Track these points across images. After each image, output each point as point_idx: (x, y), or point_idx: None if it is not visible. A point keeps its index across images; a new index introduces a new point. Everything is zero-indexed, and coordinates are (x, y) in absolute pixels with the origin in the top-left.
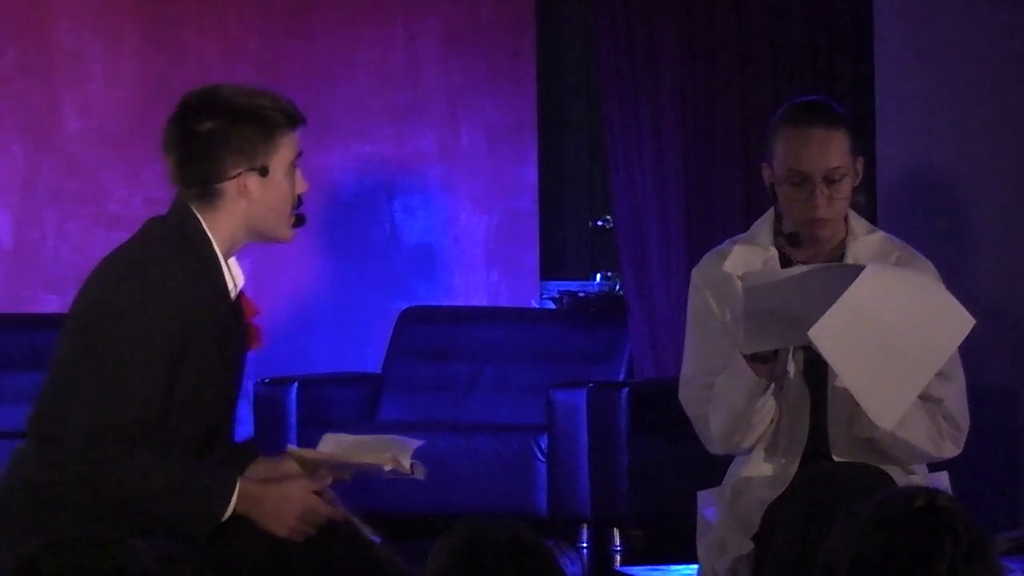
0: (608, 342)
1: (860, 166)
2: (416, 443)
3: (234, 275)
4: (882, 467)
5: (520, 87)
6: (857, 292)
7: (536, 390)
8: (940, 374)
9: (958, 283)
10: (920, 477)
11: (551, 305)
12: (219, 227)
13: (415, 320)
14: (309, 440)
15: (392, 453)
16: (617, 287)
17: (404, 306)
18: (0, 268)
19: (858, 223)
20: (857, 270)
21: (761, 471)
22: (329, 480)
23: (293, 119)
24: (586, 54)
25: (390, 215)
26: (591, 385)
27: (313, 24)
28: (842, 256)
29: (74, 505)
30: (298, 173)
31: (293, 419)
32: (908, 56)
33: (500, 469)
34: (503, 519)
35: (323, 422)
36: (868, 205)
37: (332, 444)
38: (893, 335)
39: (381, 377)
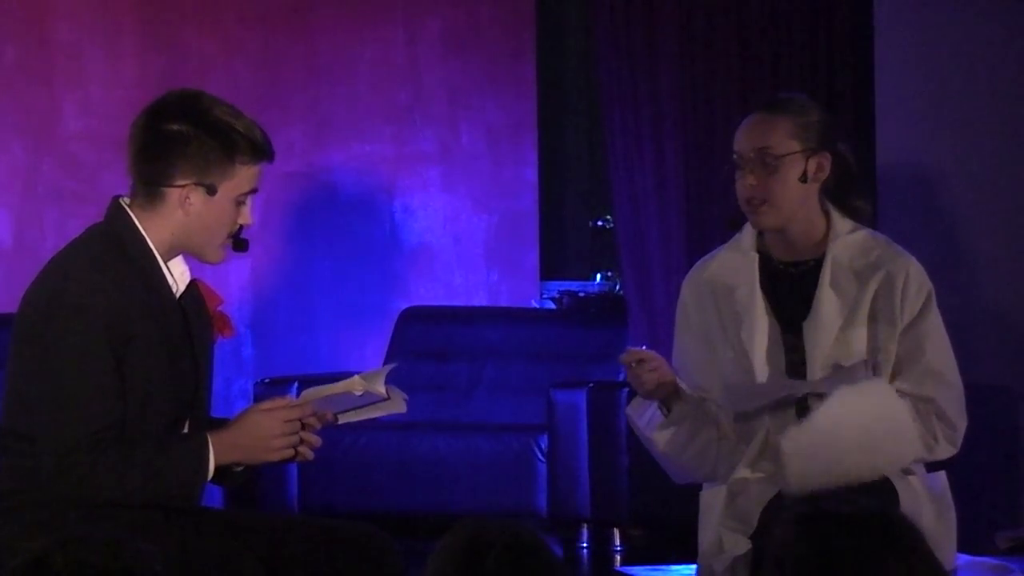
0: (608, 342)
1: (825, 161)
2: (388, 367)
3: (176, 274)
4: None
5: (520, 87)
6: (827, 413)
7: (536, 390)
8: (931, 372)
9: (958, 283)
10: (917, 478)
11: (551, 305)
12: (154, 230)
13: (415, 320)
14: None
15: (361, 378)
16: (617, 287)
17: (404, 306)
18: (0, 268)
19: (841, 222)
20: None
21: (758, 471)
22: (317, 425)
23: (259, 153)
24: (586, 54)
25: (390, 215)
26: (591, 385)
27: (313, 24)
28: (823, 256)
29: (54, 508)
30: (247, 207)
31: None
32: (908, 56)
33: (500, 469)
34: (504, 519)
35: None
36: (868, 209)
37: (311, 395)
38: (847, 452)
39: None
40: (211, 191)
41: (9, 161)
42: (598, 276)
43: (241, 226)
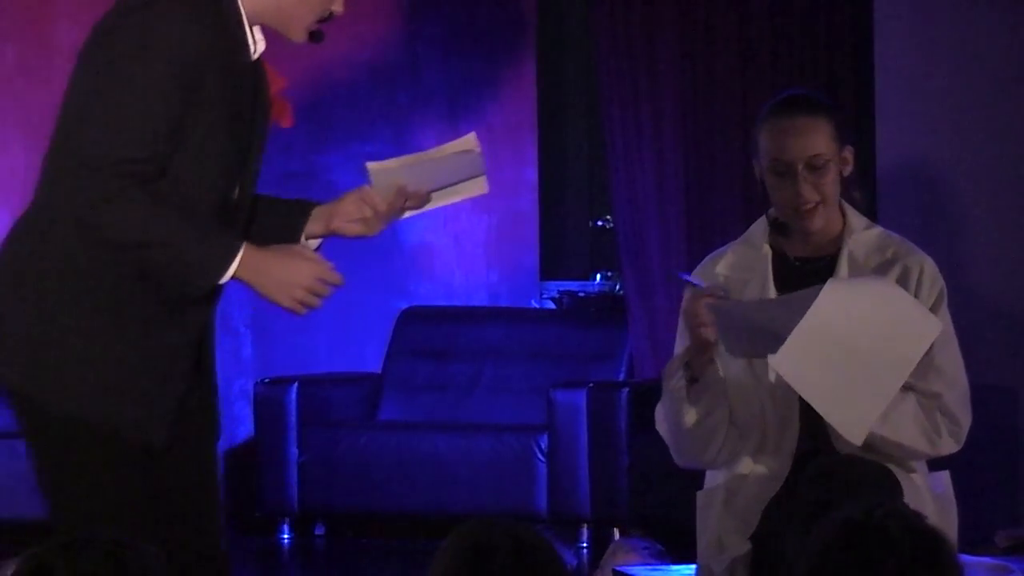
0: (608, 342)
1: (849, 155)
2: (471, 142)
3: (256, 39)
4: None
5: (520, 87)
6: (816, 315)
7: (536, 390)
8: (937, 369)
9: (958, 281)
10: (920, 476)
11: (551, 305)
12: None
13: (415, 320)
14: (309, 439)
15: (466, 185)
16: (617, 287)
17: (404, 306)
18: None
19: (856, 218)
20: (816, 291)
21: (755, 469)
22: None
23: None
24: (586, 53)
25: None
26: (591, 385)
27: None
28: (838, 251)
29: (69, 275)
30: None
31: (293, 419)
32: (908, 53)
33: (500, 469)
34: (508, 521)
35: (323, 422)
36: (865, 200)
37: (379, 174)
38: (858, 350)
39: (381, 377)
40: None
41: (9, 161)
42: (598, 276)
43: (331, 14)
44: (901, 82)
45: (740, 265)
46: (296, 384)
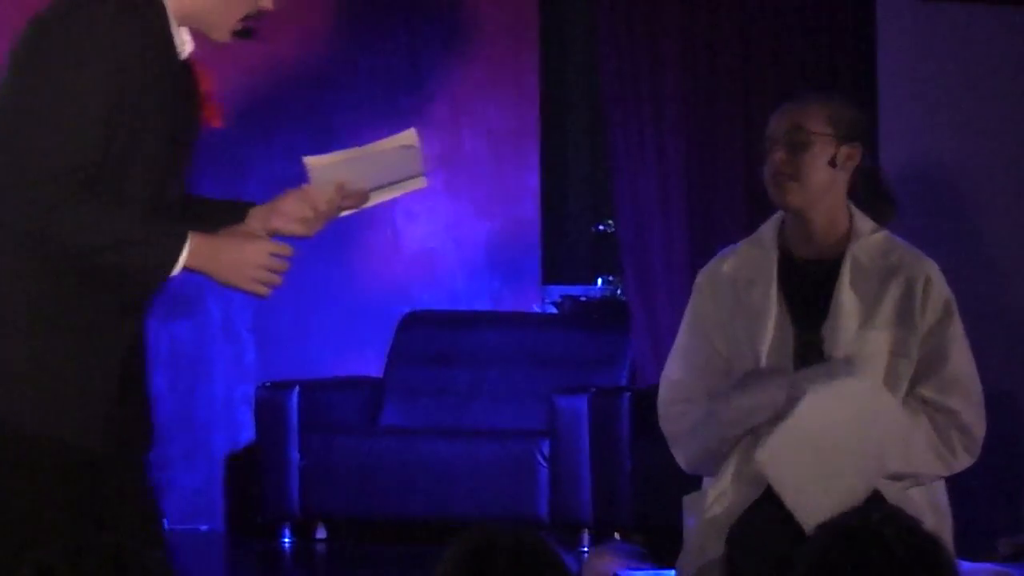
0: (610, 347)
1: (854, 150)
2: (411, 137)
3: (184, 39)
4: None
5: (522, 92)
6: (800, 416)
7: (538, 395)
8: (953, 381)
9: (959, 282)
10: (918, 490)
11: (553, 310)
12: None
13: (417, 325)
14: (310, 443)
15: (405, 183)
16: (619, 291)
17: (406, 311)
18: None
19: (862, 222)
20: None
21: (740, 473)
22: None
23: None
24: (589, 59)
25: (392, 220)
26: (593, 390)
27: (316, 28)
28: (843, 255)
29: (27, 277)
30: None
31: (294, 423)
32: (911, 55)
33: (502, 474)
34: (512, 526)
35: (324, 426)
36: (889, 214)
37: (318, 169)
38: (835, 454)
39: (383, 382)
40: None
41: None
42: (600, 280)
43: (260, 12)
44: (904, 83)
45: (746, 265)
46: (297, 388)
